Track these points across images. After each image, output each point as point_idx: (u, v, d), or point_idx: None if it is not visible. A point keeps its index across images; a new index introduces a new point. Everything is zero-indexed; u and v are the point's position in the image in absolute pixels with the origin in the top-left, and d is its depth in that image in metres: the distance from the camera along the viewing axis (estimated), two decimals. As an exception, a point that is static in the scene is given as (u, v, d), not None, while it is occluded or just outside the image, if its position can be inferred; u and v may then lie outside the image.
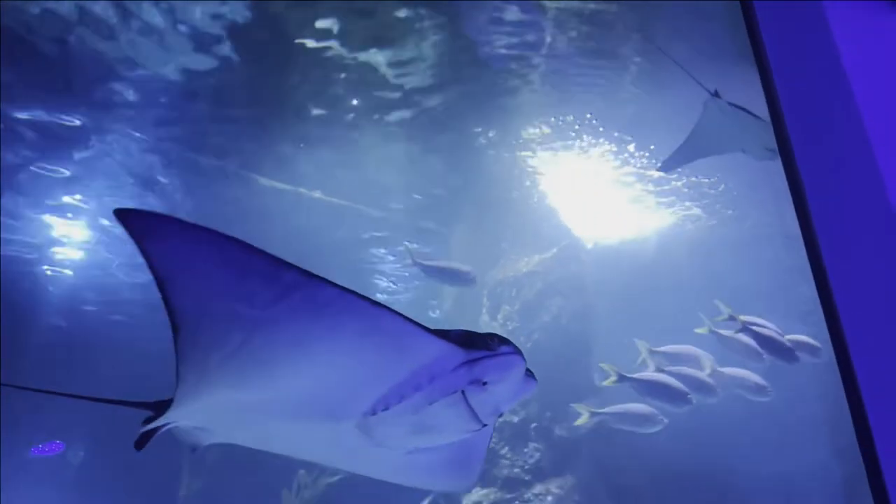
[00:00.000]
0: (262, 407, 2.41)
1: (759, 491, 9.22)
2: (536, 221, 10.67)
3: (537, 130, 9.08)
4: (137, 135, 8.53)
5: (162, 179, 9.43)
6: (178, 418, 2.53)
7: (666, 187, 9.79)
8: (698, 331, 7.76)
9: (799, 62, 1.93)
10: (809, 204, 1.79)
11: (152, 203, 9.83)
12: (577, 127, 8.89)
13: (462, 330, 2.40)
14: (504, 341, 2.39)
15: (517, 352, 2.38)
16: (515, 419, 9.86)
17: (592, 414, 7.96)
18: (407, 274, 12.28)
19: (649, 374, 7.60)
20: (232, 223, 10.35)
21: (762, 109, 2.10)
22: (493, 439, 7.04)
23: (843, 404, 1.70)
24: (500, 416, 2.52)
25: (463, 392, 2.30)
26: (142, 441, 2.55)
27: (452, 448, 2.59)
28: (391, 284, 12.69)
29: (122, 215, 1.90)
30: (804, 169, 1.83)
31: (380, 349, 2.22)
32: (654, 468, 9.38)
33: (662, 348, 7.89)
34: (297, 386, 2.32)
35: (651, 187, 9.81)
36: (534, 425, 9.71)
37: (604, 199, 10.12)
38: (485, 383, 2.32)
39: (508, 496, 9.37)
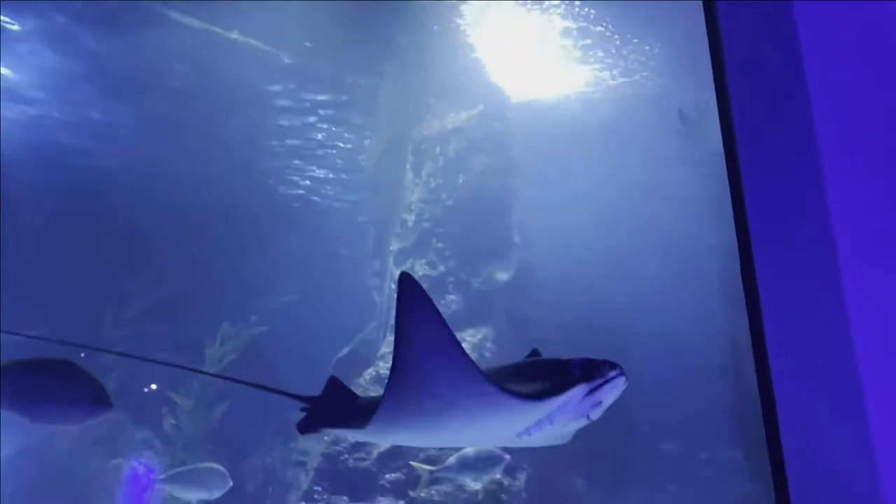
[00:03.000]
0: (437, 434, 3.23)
1: (654, 346, 9.84)
2: (464, 77, 10.41)
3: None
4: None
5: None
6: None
7: (589, 42, 9.65)
8: None
9: (756, 58, 1.87)
10: (746, 196, 1.82)
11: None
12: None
13: (583, 358, 3.05)
14: (613, 366, 3.06)
15: (623, 372, 3.07)
16: (434, 273, 10.09)
17: None
18: (334, 129, 11.99)
19: None
20: (139, 60, 9.72)
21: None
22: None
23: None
24: None
25: (587, 415, 3.08)
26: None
27: None
28: (317, 141, 12.36)
29: (404, 279, 2.48)
30: (745, 168, 1.85)
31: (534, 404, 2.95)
32: (564, 322, 9.87)
33: None
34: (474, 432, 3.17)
35: (577, 45, 9.64)
36: (451, 279, 9.96)
37: (530, 56, 9.91)
38: (601, 402, 3.06)
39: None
